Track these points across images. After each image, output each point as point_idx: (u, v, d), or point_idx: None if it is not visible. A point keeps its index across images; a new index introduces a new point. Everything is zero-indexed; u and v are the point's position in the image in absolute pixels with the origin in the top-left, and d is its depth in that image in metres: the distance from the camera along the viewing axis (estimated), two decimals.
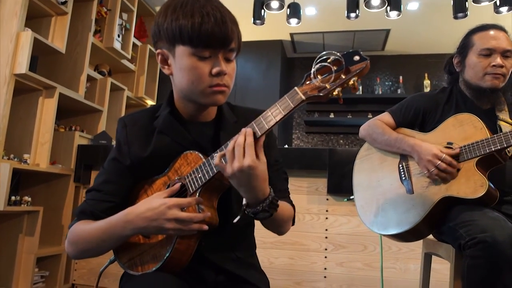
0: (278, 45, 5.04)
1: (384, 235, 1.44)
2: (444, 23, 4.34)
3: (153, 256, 0.85)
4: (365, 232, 2.45)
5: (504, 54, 1.39)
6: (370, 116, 5.07)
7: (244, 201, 0.83)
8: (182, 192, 0.89)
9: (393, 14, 2.93)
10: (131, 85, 3.88)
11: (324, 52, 0.78)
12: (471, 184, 1.25)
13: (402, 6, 2.98)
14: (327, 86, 0.75)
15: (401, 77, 5.08)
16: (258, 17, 3.04)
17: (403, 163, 1.44)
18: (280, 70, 5.02)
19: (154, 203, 0.81)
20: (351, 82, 0.75)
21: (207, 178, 0.84)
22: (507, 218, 1.21)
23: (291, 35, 4.90)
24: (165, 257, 0.83)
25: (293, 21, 3.18)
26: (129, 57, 3.67)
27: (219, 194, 0.90)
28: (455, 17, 2.88)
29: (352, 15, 2.92)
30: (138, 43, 3.97)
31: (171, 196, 0.85)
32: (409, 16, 4.15)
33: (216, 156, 0.80)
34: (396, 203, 1.40)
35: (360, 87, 5.10)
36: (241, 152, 0.76)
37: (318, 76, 0.77)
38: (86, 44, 3.10)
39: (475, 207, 1.24)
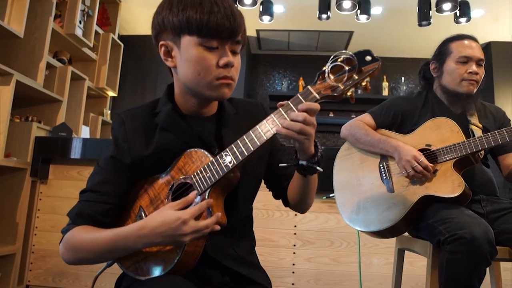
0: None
1: (364, 232, 1.49)
2: (403, 29, 4.56)
3: (161, 260, 0.82)
4: (332, 228, 2.53)
5: (478, 62, 1.50)
6: (331, 115, 5.22)
7: (303, 162, 0.85)
8: (185, 190, 0.86)
9: (363, 17, 3.02)
10: (91, 75, 3.69)
11: (337, 52, 0.79)
12: (449, 184, 1.34)
13: (360, 9, 3.07)
14: (341, 86, 0.77)
15: None
16: None
17: (384, 163, 1.50)
18: (245, 66, 5.01)
19: (169, 217, 0.77)
20: (364, 82, 0.78)
21: (217, 177, 0.81)
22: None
23: (257, 31, 4.91)
24: (175, 260, 0.80)
25: (266, 18, 3.19)
26: (91, 45, 3.49)
27: (226, 194, 0.87)
28: (420, 25, 3.04)
29: (324, 16, 2.98)
30: (100, 31, 3.79)
31: (185, 207, 0.81)
32: (372, 20, 4.30)
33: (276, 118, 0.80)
34: (377, 201, 1.45)
35: None
36: (299, 127, 0.78)
37: (331, 76, 0.78)
38: (46, 29, 2.90)
39: (452, 205, 1.32)
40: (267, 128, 0.80)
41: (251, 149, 0.80)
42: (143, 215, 0.87)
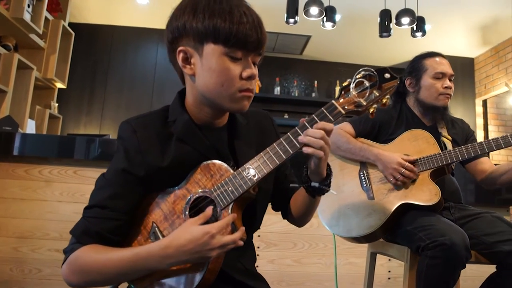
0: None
1: (343, 237, 1.54)
2: (358, 38, 4.77)
3: (184, 277, 0.78)
4: (295, 230, 2.57)
5: (450, 78, 1.62)
6: (286, 116, 5.31)
7: (315, 183, 0.86)
8: (205, 205, 0.82)
9: (328, 25, 3.11)
10: (39, 64, 3.41)
11: (362, 68, 0.83)
12: (426, 193, 1.42)
13: (326, 17, 3.17)
14: (363, 102, 0.81)
15: (316, 82, 5.43)
16: None
17: (364, 171, 1.56)
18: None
19: (196, 233, 0.74)
20: (384, 99, 0.82)
21: (241, 191, 0.79)
22: None
23: None
24: (200, 277, 0.77)
25: None
26: (40, 31, 3.22)
27: (244, 207, 0.85)
28: (381, 36, 3.19)
29: (291, 20, 3.01)
30: (50, 17, 3.51)
31: (206, 222, 0.78)
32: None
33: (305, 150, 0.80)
34: (358, 208, 1.50)
35: (278, 88, 5.30)
36: (322, 143, 0.79)
37: (353, 92, 0.81)
38: None
39: (428, 212, 1.41)
40: (292, 142, 0.79)
41: (276, 163, 0.79)
42: (158, 231, 0.82)
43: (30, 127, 3.20)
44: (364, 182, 1.54)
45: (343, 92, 0.82)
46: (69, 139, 2.22)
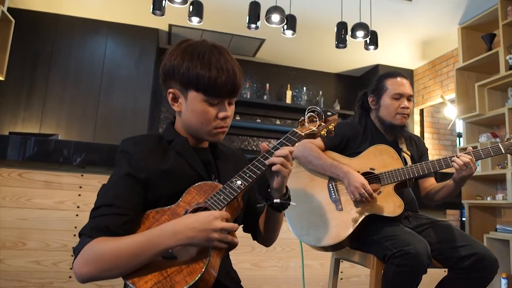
0: (154, 33, 4.80)
1: (312, 246, 1.61)
2: (310, 44, 4.93)
3: (188, 273, 0.83)
4: None
5: (409, 98, 1.74)
6: (238, 118, 5.33)
7: (277, 200, 1.03)
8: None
9: (289, 33, 3.18)
10: None
11: (310, 107, 1.16)
12: (390, 204, 1.53)
13: (287, 24, 3.24)
14: (315, 129, 1.10)
15: (267, 85, 5.51)
16: (158, 8, 2.84)
17: (333, 183, 1.64)
18: (154, 60, 4.79)
19: (201, 215, 0.85)
20: (331, 126, 1.14)
21: (231, 197, 0.92)
22: None
23: (170, 26, 4.73)
24: (203, 270, 0.83)
25: (195, 19, 3.10)
26: None
27: (233, 219, 0.96)
28: (337, 47, 3.33)
29: (253, 26, 3.04)
30: None
31: None
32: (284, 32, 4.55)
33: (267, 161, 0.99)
34: (327, 219, 1.58)
35: None
36: (290, 158, 1.00)
37: (306, 123, 1.13)
38: None
39: (392, 222, 1.52)
40: (266, 158, 1.00)
41: (258, 173, 0.97)
42: None
43: None
44: (333, 194, 1.62)
45: (299, 125, 1.12)
46: (14, 139, 2.04)
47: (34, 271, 2.03)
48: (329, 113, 1.15)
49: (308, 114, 1.13)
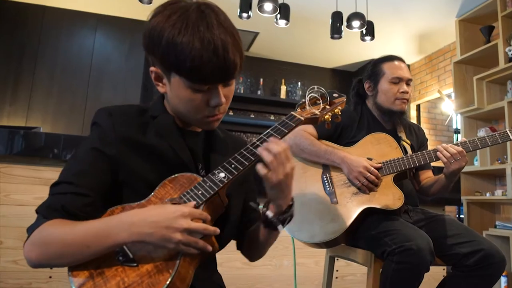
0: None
1: (305, 243, 1.49)
2: (305, 38, 4.82)
3: (149, 285, 0.68)
4: None
5: (407, 82, 1.63)
6: (231, 113, 5.21)
7: (270, 213, 0.85)
8: None
9: (282, 22, 3.06)
10: None
11: (313, 87, 0.98)
12: (390, 197, 1.42)
13: (280, 14, 3.13)
14: (318, 112, 0.93)
15: (261, 79, 5.40)
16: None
17: (327, 174, 1.52)
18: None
19: (168, 208, 0.71)
20: (337, 110, 0.97)
21: (211, 192, 0.77)
22: None
23: None
24: (167, 282, 0.68)
25: None
26: None
27: (215, 218, 0.82)
28: (332, 37, 3.22)
29: (244, 15, 2.92)
30: None
31: None
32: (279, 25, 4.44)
33: (259, 168, 0.78)
34: (321, 213, 1.46)
35: None
36: (283, 159, 0.78)
37: (308, 106, 0.94)
38: None
39: (391, 216, 1.41)
40: (257, 146, 0.83)
41: (245, 164, 0.81)
42: (125, 248, 0.72)
43: None
44: (327, 186, 1.50)
45: (299, 107, 0.93)
46: None
47: (12, 271, 1.91)
48: (335, 95, 0.97)
49: (310, 95, 0.94)
